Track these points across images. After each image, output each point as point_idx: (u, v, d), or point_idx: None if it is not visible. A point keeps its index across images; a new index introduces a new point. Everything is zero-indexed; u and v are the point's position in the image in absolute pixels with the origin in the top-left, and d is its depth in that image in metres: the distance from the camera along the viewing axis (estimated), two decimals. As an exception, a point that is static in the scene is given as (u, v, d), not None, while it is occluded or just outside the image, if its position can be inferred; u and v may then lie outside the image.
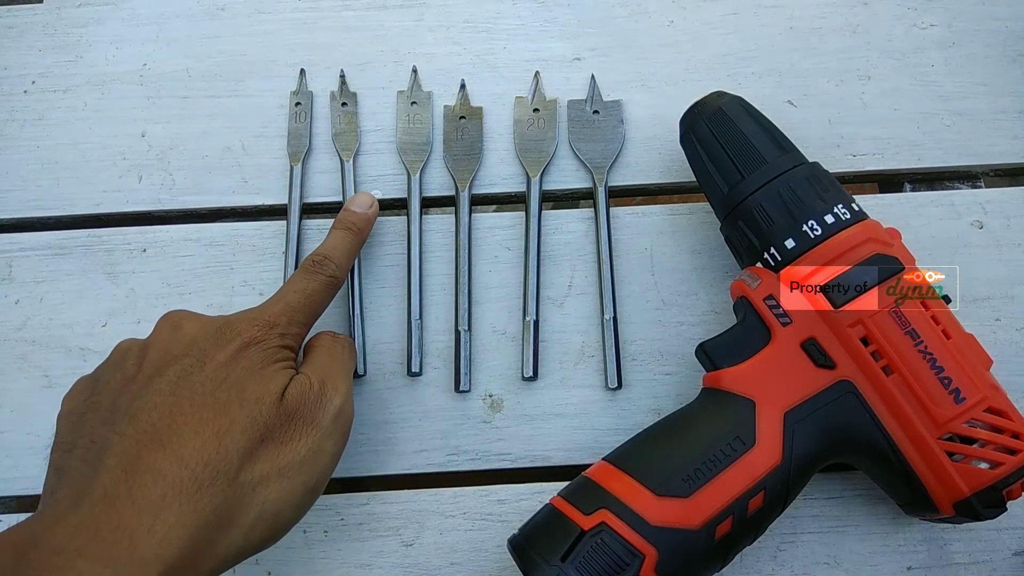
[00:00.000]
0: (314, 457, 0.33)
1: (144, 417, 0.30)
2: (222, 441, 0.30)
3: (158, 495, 0.28)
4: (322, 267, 0.38)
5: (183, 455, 0.29)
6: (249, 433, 0.31)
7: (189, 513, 0.29)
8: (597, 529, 0.32)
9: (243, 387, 0.32)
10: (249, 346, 0.33)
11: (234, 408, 0.31)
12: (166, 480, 0.29)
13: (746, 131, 0.38)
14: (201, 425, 0.30)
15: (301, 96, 0.47)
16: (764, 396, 0.35)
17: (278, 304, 0.36)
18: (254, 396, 0.32)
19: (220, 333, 0.34)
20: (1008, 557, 0.40)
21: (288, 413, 0.33)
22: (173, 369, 0.32)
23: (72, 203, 0.47)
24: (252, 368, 0.33)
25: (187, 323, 0.34)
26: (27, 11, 0.50)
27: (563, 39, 0.49)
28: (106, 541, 0.27)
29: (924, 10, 0.48)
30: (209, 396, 0.31)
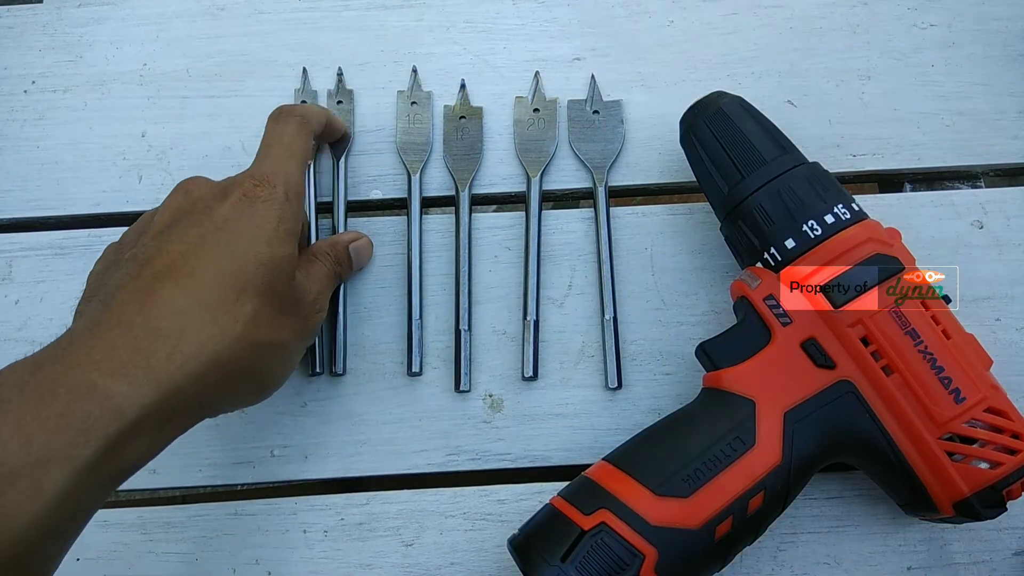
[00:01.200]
0: (295, 345, 0.36)
1: (157, 260, 0.31)
2: (240, 294, 0.31)
3: (176, 327, 0.29)
4: (288, 111, 0.38)
5: (203, 297, 0.30)
6: (264, 298, 0.32)
7: (206, 351, 0.30)
8: (597, 529, 0.32)
9: (256, 244, 0.33)
10: (254, 200, 0.33)
11: (249, 264, 0.32)
12: (184, 315, 0.30)
13: (746, 131, 0.38)
14: (218, 275, 0.31)
15: (306, 94, 0.47)
16: (764, 396, 0.35)
17: (267, 158, 0.36)
18: (268, 258, 0.33)
19: (224, 190, 0.34)
20: (1008, 557, 0.40)
21: (292, 298, 0.35)
22: (183, 222, 0.33)
23: (72, 203, 0.47)
24: (262, 222, 0.33)
25: (196, 185, 0.35)
26: (27, 11, 0.50)
27: (563, 39, 0.49)
28: (121, 360, 0.28)
29: (924, 10, 0.48)
30: (224, 247, 0.32)
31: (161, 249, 0.32)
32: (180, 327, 0.29)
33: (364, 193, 0.46)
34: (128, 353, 0.28)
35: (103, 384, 0.27)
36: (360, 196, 0.46)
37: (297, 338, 0.36)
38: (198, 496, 0.44)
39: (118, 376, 0.27)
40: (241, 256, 0.32)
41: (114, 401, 0.27)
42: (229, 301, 0.31)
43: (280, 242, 0.34)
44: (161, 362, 0.28)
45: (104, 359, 0.28)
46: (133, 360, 0.28)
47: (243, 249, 0.32)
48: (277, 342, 0.34)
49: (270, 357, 0.34)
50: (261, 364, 0.33)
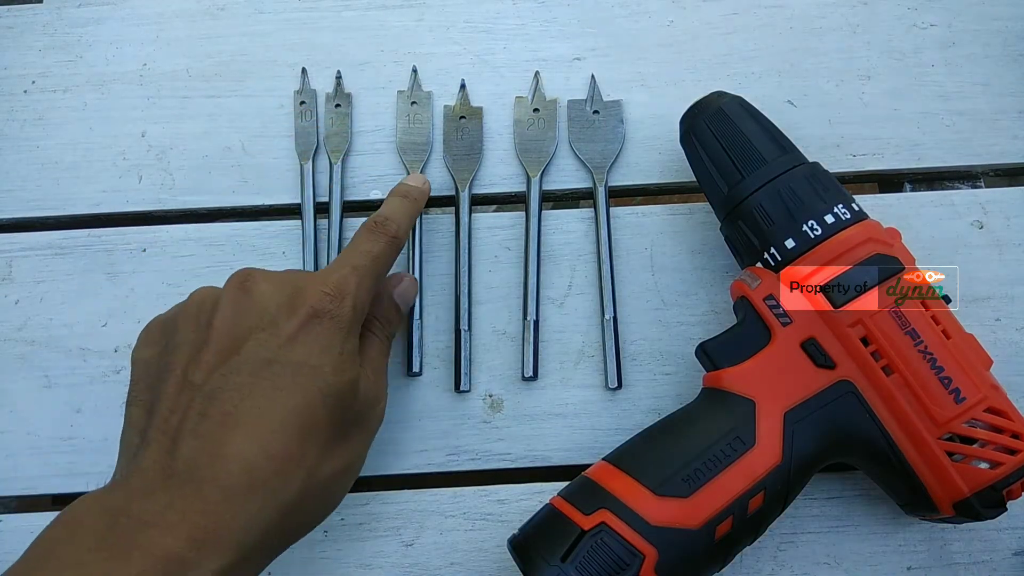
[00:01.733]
0: (363, 454, 0.35)
1: (225, 398, 0.30)
2: (306, 436, 0.31)
3: (244, 484, 0.29)
4: (384, 227, 0.37)
5: (268, 446, 0.30)
6: (330, 431, 0.32)
7: (271, 505, 0.29)
8: (597, 529, 0.32)
9: (323, 374, 0.32)
10: (321, 318, 0.32)
11: (315, 398, 0.31)
12: (252, 471, 0.29)
13: (746, 131, 0.38)
14: (285, 420, 0.30)
15: (305, 95, 0.47)
16: (764, 396, 0.35)
17: (345, 268, 0.35)
18: (336, 390, 0.32)
19: (291, 301, 0.33)
20: (1008, 557, 0.40)
21: (358, 412, 0.34)
22: (249, 345, 0.31)
23: (72, 203, 0.47)
24: (328, 348, 0.32)
25: (257, 286, 0.33)
26: (27, 11, 0.50)
27: (563, 39, 0.49)
28: (192, 523, 0.28)
29: (924, 10, 0.48)
30: (289, 382, 0.31)
31: (228, 381, 0.31)
32: (249, 484, 0.29)
33: (364, 193, 0.46)
34: (198, 516, 0.28)
35: (177, 551, 0.27)
36: (360, 196, 0.46)
37: (363, 449, 0.35)
38: (198, 496, 0.44)
39: (189, 543, 0.28)
40: (306, 389, 0.31)
41: (187, 568, 0.27)
42: (295, 447, 0.30)
43: (346, 366, 0.33)
44: (230, 529, 0.28)
45: (177, 522, 0.28)
46: (203, 527, 0.28)
47: (308, 381, 0.31)
48: (343, 468, 0.33)
49: (337, 484, 0.34)
50: (328, 495, 0.33)
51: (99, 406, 0.43)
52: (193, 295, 0.34)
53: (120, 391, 0.43)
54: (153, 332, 0.34)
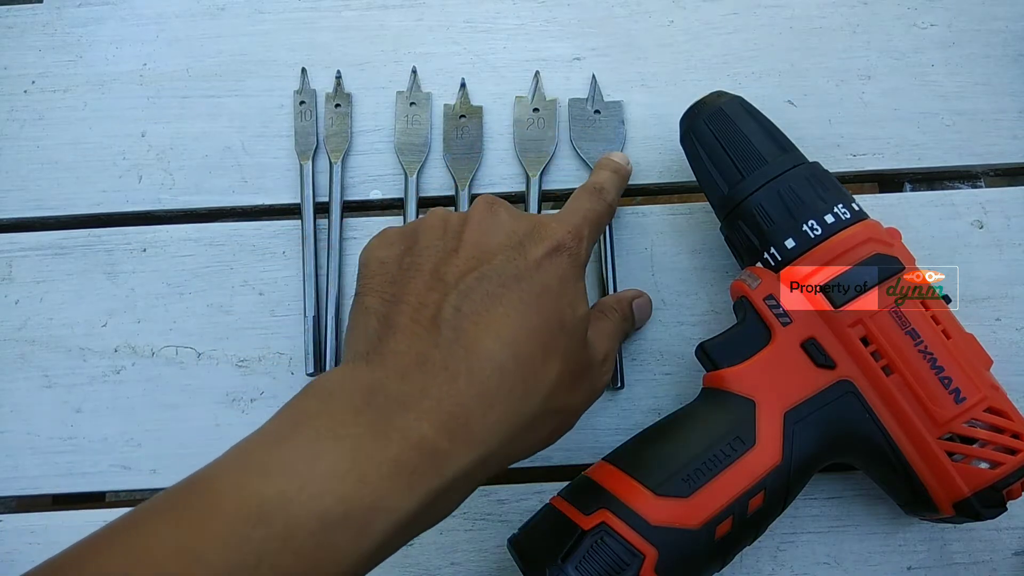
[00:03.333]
0: (581, 411, 0.35)
1: (477, 299, 0.30)
2: (548, 354, 0.31)
3: (495, 384, 0.29)
4: (602, 194, 0.38)
5: (519, 355, 0.30)
6: (564, 361, 0.32)
7: (513, 411, 0.29)
8: (597, 529, 0.32)
9: (562, 302, 0.32)
10: (561, 251, 0.33)
11: (555, 327, 0.31)
12: (503, 373, 0.29)
13: (746, 131, 0.38)
14: (530, 332, 0.30)
15: (305, 95, 0.47)
16: (764, 396, 0.35)
17: (577, 216, 0.35)
18: (572, 323, 0.32)
19: (536, 231, 0.33)
20: (1008, 557, 0.40)
21: (586, 359, 0.34)
22: (499, 259, 0.32)
23: (72, 203, 0.47)
24: (567, 280, 0.32)
25: (503, 210, 0.34)
26: (27, 11, 0.50)
27: (563, 39, 0.49)
28: (448, 413, 0.28)
29: (924, 10, 0.48)
30: (534, 300, 0.31)
31: (480, 286, 0.31)
32: (499, 385, 0.29)
33: (364, 193, 0.46)
34: (453, 407, 0.28)
35: (431, 438, 0.28)
36: (360, 196, 0.46)
37: (586, 402, 0.35)
38: (198, 496, 0.44)
39: (443, 432, 0.28)
40: (550, 314, 0.31)
41: (438, 458, 0.28)
42: (539, 362, 0.30)
43: (581, 303, 0.33)
44: (480, 426, 0.29)
45: (432, 409, 0.28)
46: (457, 417, 0.28)
47: (552, 307, 0.31)
48: (571, 408, 0.33)
49: (562, 422, 0.34)
50: (554, 427, 0.33)
51: (99, 406, 0.43)
52: (432, 212, 0.35)
53: (120, 391, 0.43)
54: (391, 236, 0.34)
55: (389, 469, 0.26)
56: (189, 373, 0.44)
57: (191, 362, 0.44)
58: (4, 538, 0.41)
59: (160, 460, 0.42)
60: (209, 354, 0.44)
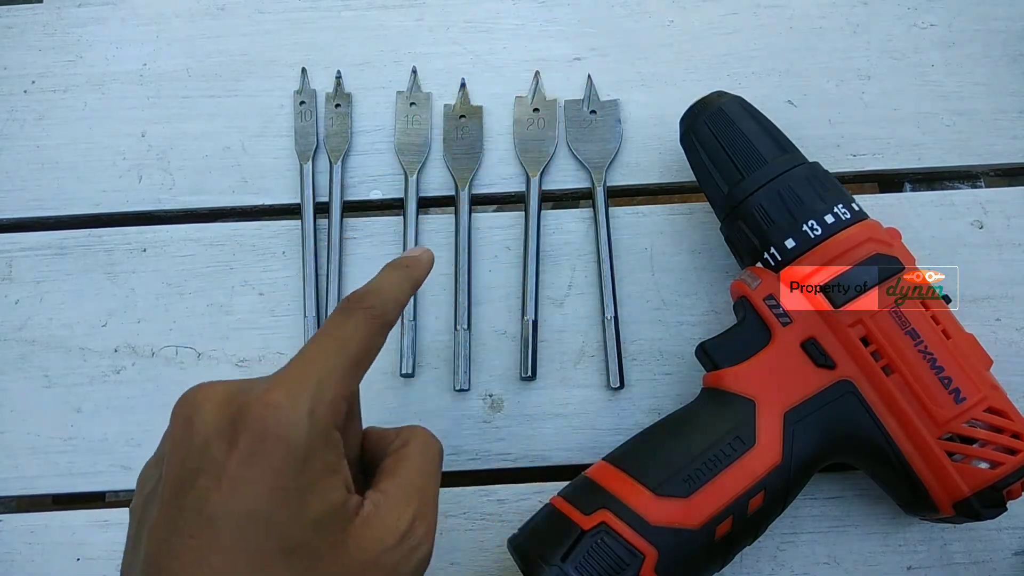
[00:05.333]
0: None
1: (173, 569, 0.24)
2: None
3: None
4: (360, 301, 0.29)
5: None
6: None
7: None
8: (597, 529, 0.32)
9: (276, 524, 0.24)
10: (265, 442, 0.25)
11: (274, 558, 0.24)
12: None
13: (746, 131, 0.38)
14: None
15: (305, 95, 0.47)
16: (764, 396, 0.35)
17: (302, 362, 0.27)
18: (298, 536, 0.25)
19: (232, 426, 0.25)
20: (1008, 557, 0.40)
21: (360, 560, 0.26)
22: (190, 499, 0.25)
23: (72, 203, 0.47)
24: (280, 486, 0.25)
25: (201, 411, 0.26)
26: (27, 11, 0.50)
27: (563, 39, 0.49)
28: None
29: (924, 10, 0.48)
30: (238, 537, 0.24)
31: (172, 549, 0.24)
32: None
33: (364, 193, 0.46)
34: None
35: None
36: (360, 196, 0.46)
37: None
38: (198, 496, 0.44)
39: None
40: (262, 546, 0.24)
41: None
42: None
43: (312, 497, 0.25)
44: None
45: None
46: None
47: (262, 534, 0.24)
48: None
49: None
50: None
51: (99, 406, 0.43)
52: (175, 408, 0.27)
53: (120, 391, 0.43)
54: (140, 478, 0.29)
55: None
56: (189, 373, 0.44)
57: (191, 362, 0.44)
58: (4, 538, 0.41)
59: (160, 460, 0.42)
60: (209, 354, 0.44)
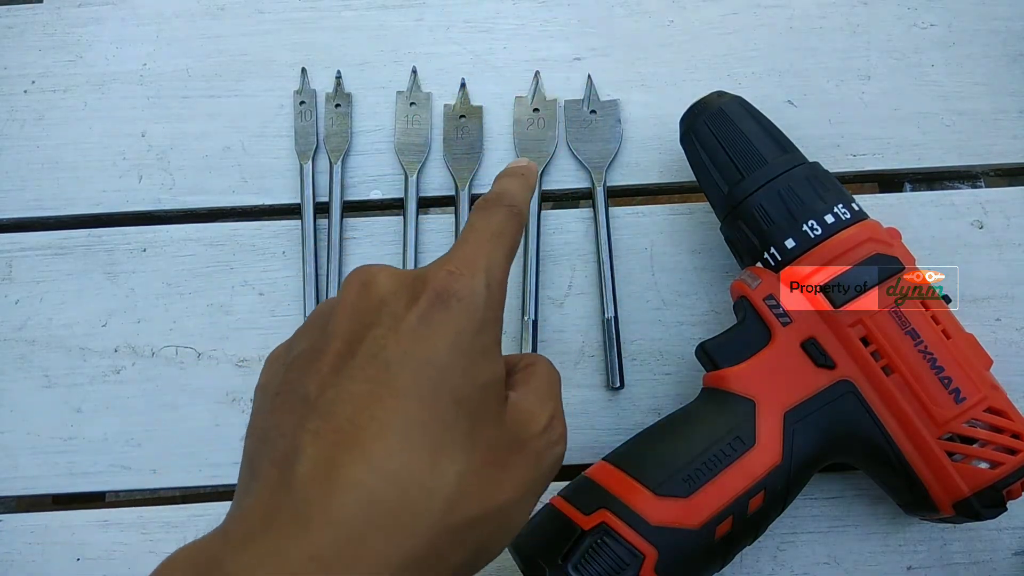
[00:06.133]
0: (528, 495, 0.27)
1: (339, 411, 0.24)
2: (438, 457, 0.24)
3: (362, 519, 0.23)
4: (499, 200, 0.31)
5: (397, 472, 0.24)
6: (471, 453, 0.25)
7: (397, 547, 0.23)
8: (597, 529, 0.32)
9: (454, 373, 0.25)
10: (446, 302, 0.26)
11: (446, 406, 0.25)
12: (371, 502, 0.23)
13: (746, 131, 0.38)
14: (408, 427, 0.24)
15: (305, 95, 0.47)
16: (764, 396, 0.35)
17: (469, 244, 0.29)
18: (473, 396, 0.26)
19: (412, 288, 0.27)
20: (1008, 557, 0.40)
21: (512, 436, 0.27)
22: (365, 345, 0.26)
23: (72, 203, 0.47)
24: (460, 339, 0.26)
25: (376, 279, 0.27)
26: (27, 11, 0.50)
27: (563, 39, 0.49)
28: (296, 573, 0.22)
29: (924, 10, 0.48)
30: (412, 382, 0.25)
31: (342, 392, 0.25)
32: (367, 519, 0.23)
33: (364, 193, 0.46)
34: (303, 562, 0.22)
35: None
36: (360, 196, 0.46)
37: (528, 492, 0.27)
38: (198, 496, 0.44)
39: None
40: (435, 393, 0.25)
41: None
42: (426, 470, 0.24)
43: (486, 364, 0.26)
44: (339, 571, 0.22)
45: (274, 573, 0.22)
46: (307, 570, 0.22)
47: (437, 383, 0.25)
48: (501, 508, 0.26)
49: (495, 531, 0.26)
50: (480, 542, 0.26)
51: (99, 406, 0.43)
52: (313, 311, 0.30)
53: (120, 391, 0.43)
54: (273, 356, 0.29)
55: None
56: (189, 373, 0.44)
57: (191, 362, 0.44)
58: (4, 538, 0.41)
59: (160, 460, 0.42)
60: (209, 354, 0.44)
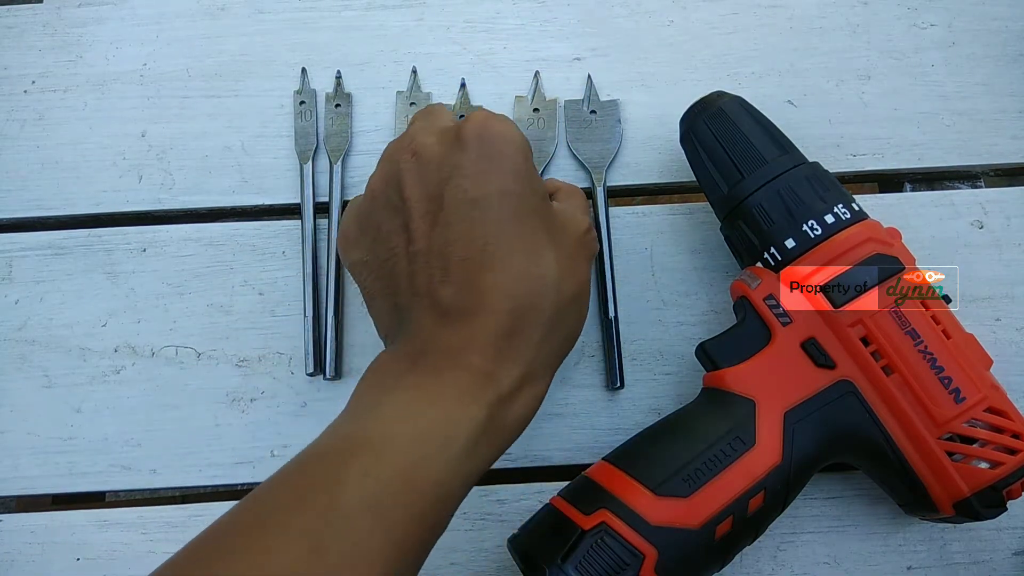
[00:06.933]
0: (587, 279, 0.36)
1: (454, 250, 0.32)
2: (539, 255, 0.33)
3: (508, 308, 0.32)
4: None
5: (519, 272, 0.32)
6: (554, 249, 0.34)
7: (534, 320, 0.32)
8: (597, 529, 0.32)
9: (522, 196, 0.33)
10: (493, 140, 0.34)
11: (527, 217, 0.33)
12: (511, 296, 0.32)
13: (746, 131, 0.38)
14: (510, 240, 0.32)
15: (305, 95, 0.47)
16: (764, 396, 0.35)
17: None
18: (536, 205, 0.34)
19: (458, 139, 0.34)
20: (1008, 557, 0.40)
21: (569, 234, 0.36)
22: (448, 197, 0.33)
23: (72, 203, 0.47)
24: (517, 169, 0.33)
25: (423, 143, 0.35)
26: (27, 11, 0.50)
27: (563, 39, 0.49)
28: (482, 344, 0.31)
29: (924, 10, 0.48)
30: (497, 210, 0.33)
31: (449, 233, 0.32)
32: (512, 307, 0.32)
33: (364, 193, 0.46)
34: (485, 341, 0.31)
35: (478, 365, 0.31)
36: (360, 196, 0.46)
37: (586, 276, 0.36)
38: (198, 496, 0.44)
39: (486, 360, 0.31)
40: (517, 210, 0.33)
41: (491, 378, 0.31)
42: (534, 266, 0.33)
43: (536, 180, 0.34)
44: (511, 346, 0.32)
45: (469, 348, 0.31)
46: (492, 346, 0.31)
47: (515, 203, 0.33)
48: (580, 287, 0.35)
49: (578, 301, 0.35)
50: (575, 309, 0.35)
51: (99, 406, 0.43)
52: (372, 180, 0.36)
53: (120, 391, 0.43)
54: (352, 231, 0.36)
55: (455, 392, 0.31)
56: (189, 373, 0.44)
57: (191, 362, 0.44)
58: (4, 538, 0.41)
59: (160, 460, 0.42)
60: (209, 354, 0.44)
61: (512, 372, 0.31)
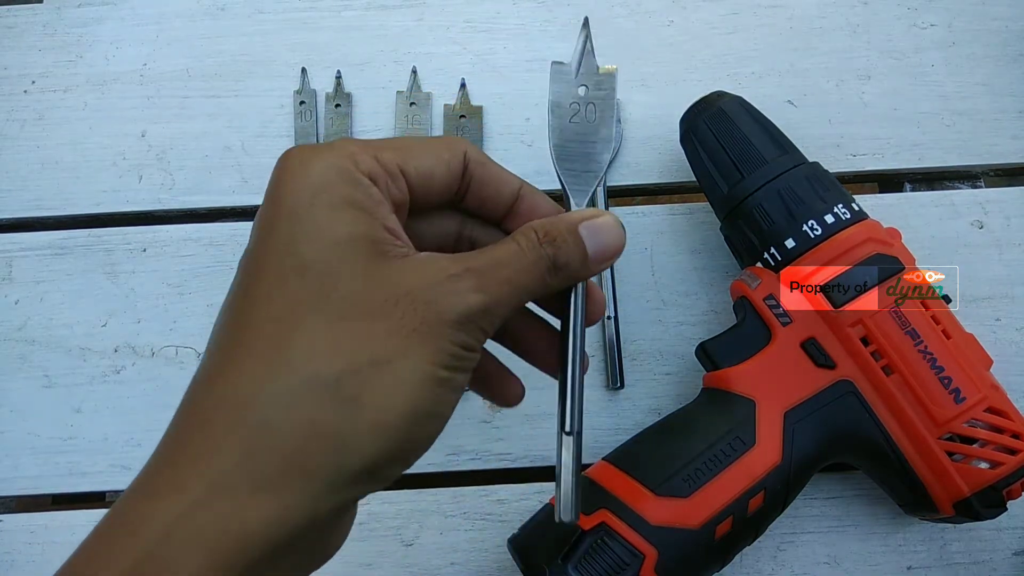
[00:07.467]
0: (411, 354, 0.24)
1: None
2: (292, 326, 0.25)
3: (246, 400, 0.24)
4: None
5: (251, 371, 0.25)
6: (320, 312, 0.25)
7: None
8: (597, 529, 0.32)
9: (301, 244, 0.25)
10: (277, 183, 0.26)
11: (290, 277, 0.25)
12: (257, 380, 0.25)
13: (746, 131, 0.38)
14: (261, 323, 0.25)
15: (305, 95, 0.47)
16: (764, 396, 0.35)
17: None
18: (315, 255, 0.25)
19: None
20: (1008, 557, 0.40)
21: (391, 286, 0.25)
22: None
23: (72, 203, 0.47)
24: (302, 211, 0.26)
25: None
26: (27, 11, 0.50)
27: (563, 39, 0.49)
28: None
29: (924, 10, 0.48)
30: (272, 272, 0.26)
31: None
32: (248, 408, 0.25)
33: (364, 193, 0.46)
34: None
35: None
36: (360, 196, 0.46)
37: (403, 340, 0.24)
38: (198, 496, 0.44)
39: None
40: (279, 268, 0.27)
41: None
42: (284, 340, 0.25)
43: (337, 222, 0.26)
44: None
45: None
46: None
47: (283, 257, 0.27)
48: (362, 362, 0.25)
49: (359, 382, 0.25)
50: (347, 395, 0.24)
51: (99, 406, 0.43)
52: None
53: (120, 391, 0.43)
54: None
55: None
56: (189, 373, 0.43)
57: (191, 362, 0.44)
58: (4, 538, 0.41)
59: (160, 460, 0.42)
60: (209, 354, 0.44)
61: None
